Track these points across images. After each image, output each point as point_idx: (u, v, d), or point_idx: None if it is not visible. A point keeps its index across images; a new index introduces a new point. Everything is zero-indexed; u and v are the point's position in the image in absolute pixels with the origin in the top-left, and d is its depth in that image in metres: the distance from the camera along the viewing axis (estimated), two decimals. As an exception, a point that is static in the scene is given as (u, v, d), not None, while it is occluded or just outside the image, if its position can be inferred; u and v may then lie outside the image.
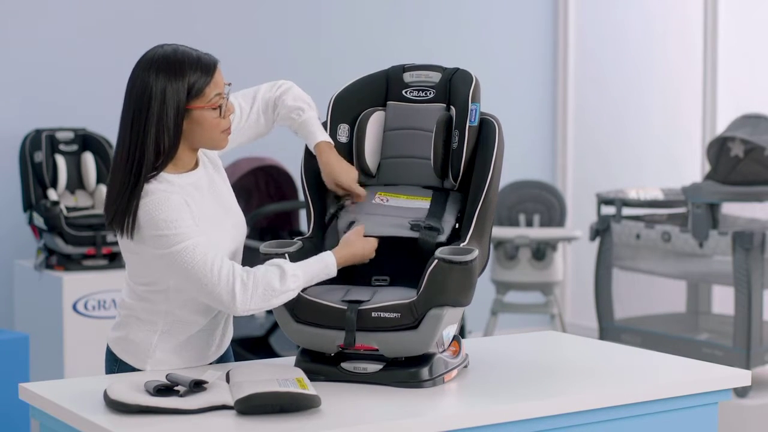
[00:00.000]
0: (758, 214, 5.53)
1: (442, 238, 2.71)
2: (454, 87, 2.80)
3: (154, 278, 2.66)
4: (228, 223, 2.73)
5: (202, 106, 2.63)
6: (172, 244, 2.55)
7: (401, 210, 2.78)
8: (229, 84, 2.70)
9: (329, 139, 2.82)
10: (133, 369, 2.71)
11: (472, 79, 2.76)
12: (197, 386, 2.41)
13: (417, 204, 2.78)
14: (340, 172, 2.79)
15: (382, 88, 2.88)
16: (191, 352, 2.73)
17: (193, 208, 2.62)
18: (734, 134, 5.23)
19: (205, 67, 2.64)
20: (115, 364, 2.74)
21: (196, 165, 2.73)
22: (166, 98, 2.59)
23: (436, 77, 2.84)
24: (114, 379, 2.61)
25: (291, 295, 2.60)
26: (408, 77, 2.86)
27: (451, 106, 2.80)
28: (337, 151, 2.82)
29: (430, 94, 2.84)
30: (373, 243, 2.73)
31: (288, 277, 2.59)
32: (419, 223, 2.72)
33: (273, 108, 2.88)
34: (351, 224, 2.78)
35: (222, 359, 2.83)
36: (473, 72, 2.80)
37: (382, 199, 2.82)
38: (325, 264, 2.66)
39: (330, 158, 2.79)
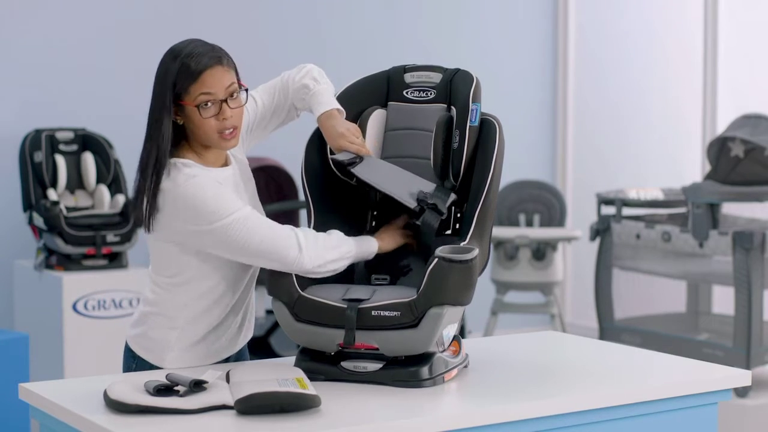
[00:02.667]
0: (758, 214, 5.53)
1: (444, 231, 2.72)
2: (454, 87, 2.80)
3: (179, 268, 2.66)
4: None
5: (185, 102, 2.63)
6: (225, 215, 2.56)
7: (410, 176, 2.76)
8: (234, 85, 2.66)
9: (329, 107, 2.76)
10: (151, 366, 2.71)
11: (472, 80, 2.76)
12: (197, 386, 2.41)
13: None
14: (337, 139, 2.74)
15: (383, 88, 2.88)
16: (208, 348, 2.74)
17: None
18: (734, 134, 5.23)
19: (196, 63, 2.61)
20: (133, 361, 2.76)
21: (227, 163, 2.74)
22: (165, 82, 2.62)
23: (436, 78, 2.84)
24: (114, 379, 2.61)
25: (345, 251, 2.65)
26: (409, 78, 2.86)
27: (452, 107, 2.80)
28: (338, 116, 2.77)
29: (430, 94, 2.84)
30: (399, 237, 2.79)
31: (334, 235, 2.65)
32: (425, 199, 2.70)
33: (289, 92, 2.84)
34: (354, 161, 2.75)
35: (238, 357, 2.84)
36: (474, 72, 2.80)
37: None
38: (366, 240, 2.72)
39: (327, 129, 2.76)
